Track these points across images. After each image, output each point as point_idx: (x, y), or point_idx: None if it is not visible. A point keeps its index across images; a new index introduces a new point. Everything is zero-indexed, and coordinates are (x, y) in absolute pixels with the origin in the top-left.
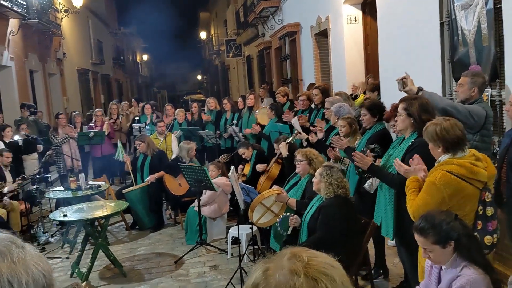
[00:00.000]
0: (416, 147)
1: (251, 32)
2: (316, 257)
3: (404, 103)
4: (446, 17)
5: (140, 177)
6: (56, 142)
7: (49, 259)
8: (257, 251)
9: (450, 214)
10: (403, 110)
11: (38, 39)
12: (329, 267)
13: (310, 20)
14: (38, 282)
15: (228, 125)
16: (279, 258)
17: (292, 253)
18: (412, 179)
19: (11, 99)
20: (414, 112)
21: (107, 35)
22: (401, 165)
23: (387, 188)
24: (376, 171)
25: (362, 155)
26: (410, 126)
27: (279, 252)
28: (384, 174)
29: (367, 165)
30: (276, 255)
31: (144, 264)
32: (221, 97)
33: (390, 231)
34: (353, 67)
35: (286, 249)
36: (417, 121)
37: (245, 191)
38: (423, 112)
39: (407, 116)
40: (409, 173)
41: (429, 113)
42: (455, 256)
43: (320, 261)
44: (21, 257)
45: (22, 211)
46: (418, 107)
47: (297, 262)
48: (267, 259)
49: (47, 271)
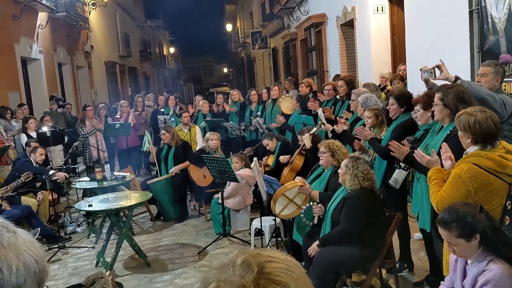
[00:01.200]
0: (455, 136)
1: (277, 24)
2: (269, 261)
3: (440, 93)
4: (476, 5)
5: (164, 168)
6: (83, 134)
7: (76, 248)
8: (280, 243)
9: (475, 207)
10: (439, 100)
11: (66, 32)
12: (284, 272)
13: (336, 10)
14: (29, 267)
15: (253, 116)
16: (230, 268)
17: (243, 261)
18: (434, 170)
19: (40, 92)
20: (450, 102)
21: (134, 28)
22: (422, 155)
23: (425, 179)
24: (413, 161)
25: (399, 144)
26: (447, 116)
27: (232, 256)
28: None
29: (404, 154)
30: (228, 261)
31: (168, 255)
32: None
33: (427, 222)
34: (380, 58)
35: (238, 252)
36: (453, 112)
37: (268, 183)
38: (459, 101)
39: (443, 106)
40: (431, 164)
41: (465, 102)
42: (480, 250)
43: (274, 267)
44: (12, 242)
45: (50, 201)
46: (454, 96)
47: (246, 274)
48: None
49: (39, 257)
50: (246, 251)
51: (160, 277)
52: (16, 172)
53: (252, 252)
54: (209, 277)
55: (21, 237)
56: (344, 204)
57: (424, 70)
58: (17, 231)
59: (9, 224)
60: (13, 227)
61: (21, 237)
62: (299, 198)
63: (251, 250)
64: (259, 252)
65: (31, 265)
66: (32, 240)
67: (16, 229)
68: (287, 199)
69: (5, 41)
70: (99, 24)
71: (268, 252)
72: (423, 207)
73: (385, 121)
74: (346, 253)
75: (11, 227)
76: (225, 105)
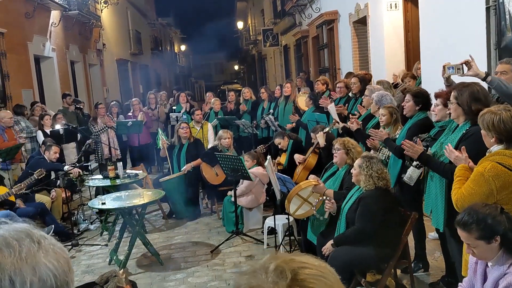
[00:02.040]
0: (471, 136)
1: (288, 21)
2: (303, 267)
3: (455, 91)
4: (493, 1)
5: (177, 166)
6: (95, 132)
7: (89, 245)
8: (293, 242)
9: (495, 208)
10: (454, 99)
11: (79, 30)
12: (318, 278)
13: (349, 7)
14: (45, 282)
15: (265, 114)
16: (262, 273)
17: (277, 267)
18: (461, 167)
19: (53, 89)
20: (463, 102)
21: (145, 25)
22: (452, 151)
23: (438, 177)
24: (427, 160)
25: (412, 143)
26: (461, 114)
27: (264, 261)
28: (436, 163)
29: (417, 153)
30: (260, 266)
31: (181, 253)
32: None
33: (441, 222)
34: (393, 55)
35: (270, 257)
36: (466, 111)
37: (282, 181)
38: (473, 101)
39: (458, 105)
40: (459, 160)
41: (480, 102)
42: (501, 252)
43: (307, 273)
44: (31, 253)
45: (63, 198)
46: (468, 96)
47: (280, 281)
48: (251, 272)
49: (61, 271)
50: (278, 257)
51: (173, 276)
52: (30, 170)
53: (285, 258)
54: (241, 283)
55: (44, 248)
56: (359, 204)
57: (449, 67)
58: (43, 241)
59: (35, 233)
60: (38, 236)
61: (45, 248)
62: (314, 197)
63: (284, 255)
64: (292, 257)
65: (47, 280)
66: (58, 252)
67: (41, 238)
68: (301, 198)
69: (18, 39)
70: (111, 22)
71: (302, 257)
72: (436, 206)
73: (399, 119)
74: (361, 253)
75: (37, 236)
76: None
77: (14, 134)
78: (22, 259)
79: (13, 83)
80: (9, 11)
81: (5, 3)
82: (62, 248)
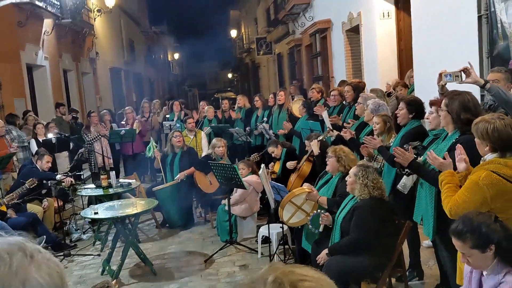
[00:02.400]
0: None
1: (282, 29)
2: (302, 280)
3: (446, 99)
4: (485, 10)
5: (170, 174)
6: (88, 140)
7: (81, 256)
8: (288, 251)
9: (489, 216)
10: (444, 106)
11: (72, 38)
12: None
13: (342, 16)
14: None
15: (259, 122)
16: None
17: (275, 279)
18: (447, 173)
19: (46, 98)
20: (453, 110)
21: (138, 34)
22: (436, 157)
23: (428, 185)
24: (417, 168)
25: (403, 150)
26: (451, 123)
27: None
28: (426, 171)
29: (408, 161)
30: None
31: (174, 263)
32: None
33: (431, 230)
34: (386, 63)
35: (269, 268)
36: (455, 120)
37: (276, 190)
38: (463, 110)
39: (447, 113)
40: (444, 167)
41: (470, 111)
42: (496, 261)
43: (307, 286)
44: (23, 267)
45: (55, 208)
46: (458, 104)
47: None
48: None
49: (53, 286)
50: (277, 268)
51: (166, 286)
52: (22, 179)
53: (284, 269)
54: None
55: (37, 262)
56: (354, 214)
57: (446, 74)
58: (36, 255)
59: (29, 247)
60: (33, 250)
61: (38, 262)
62: (308, 205)
63: (283, 266)
64: (291, 269)
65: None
66: (52, 266)
67: (35, 253)
68: (295, 206)
69: (10, 47)
70: (104, 30)
71: (301, 270)
72: (427, 214)
73: (393, 128)
74: (355, 262)
75: (30, 250)
76: (231, 112)
77: (5, 143)
78: (12, 272)
79: (5, 92)
80: (2, 20)
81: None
82: (56, 262)
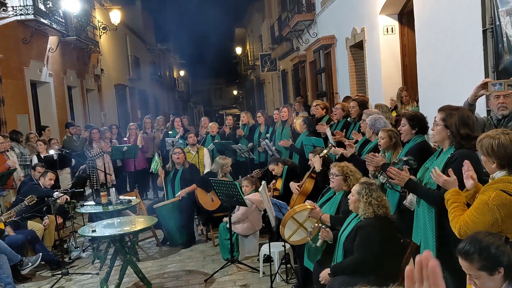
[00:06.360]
0: (456, 160)
1: (286, 46)
2: None
3: (442, 113)
4: (490, 24)
5: (171, 191)
6: (91, 157)
7: (79, 274)
8: (290, 270)
9: (499, 237)
10: (440, 121)
11: (77, 55)
12: None
13: (345, 32)
14: None
15: (261, 138)
16: None
17: None
18: (453, 192)
19: (50, 115)
20: (452, 125)
21: (144, 51)
22: (440, 174)
23: (426, 204)
24: (414, 187)
25: (398, 170)
26: (446, 138)
27: None
28: (423, 190)
29: (404, 181)
30: None
31: (174, 282)
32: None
33: (431, 249)
34: (390, 79)
35: None
36: (454, 135)
37: (277, 207)
38: (462, 125)
39: (444, 127)
40: (448, 184)
41: (468, 127)
42: (506, 285)
43: None
44: None
45: (56, 225)
46: (457, 119)
47: None
48: None
49: None
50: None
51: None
52: (22, 196)
53: None
54: None
55: None
56: (357, 233)
57: (495, 83)
58: None
59: None
60: None
61: None
62: (310, 223)
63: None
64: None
65: None
66: None
67: None
68: (296, 223)
69: (15, 64)
70: (109, 47)
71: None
72: (426, 236)
73: (399, 143)
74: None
75: None
76: (239, 131)
77: (5, 159)
78: None
79: (8, 108)
80: (6, 37)
81: (2, 29)
82: None
